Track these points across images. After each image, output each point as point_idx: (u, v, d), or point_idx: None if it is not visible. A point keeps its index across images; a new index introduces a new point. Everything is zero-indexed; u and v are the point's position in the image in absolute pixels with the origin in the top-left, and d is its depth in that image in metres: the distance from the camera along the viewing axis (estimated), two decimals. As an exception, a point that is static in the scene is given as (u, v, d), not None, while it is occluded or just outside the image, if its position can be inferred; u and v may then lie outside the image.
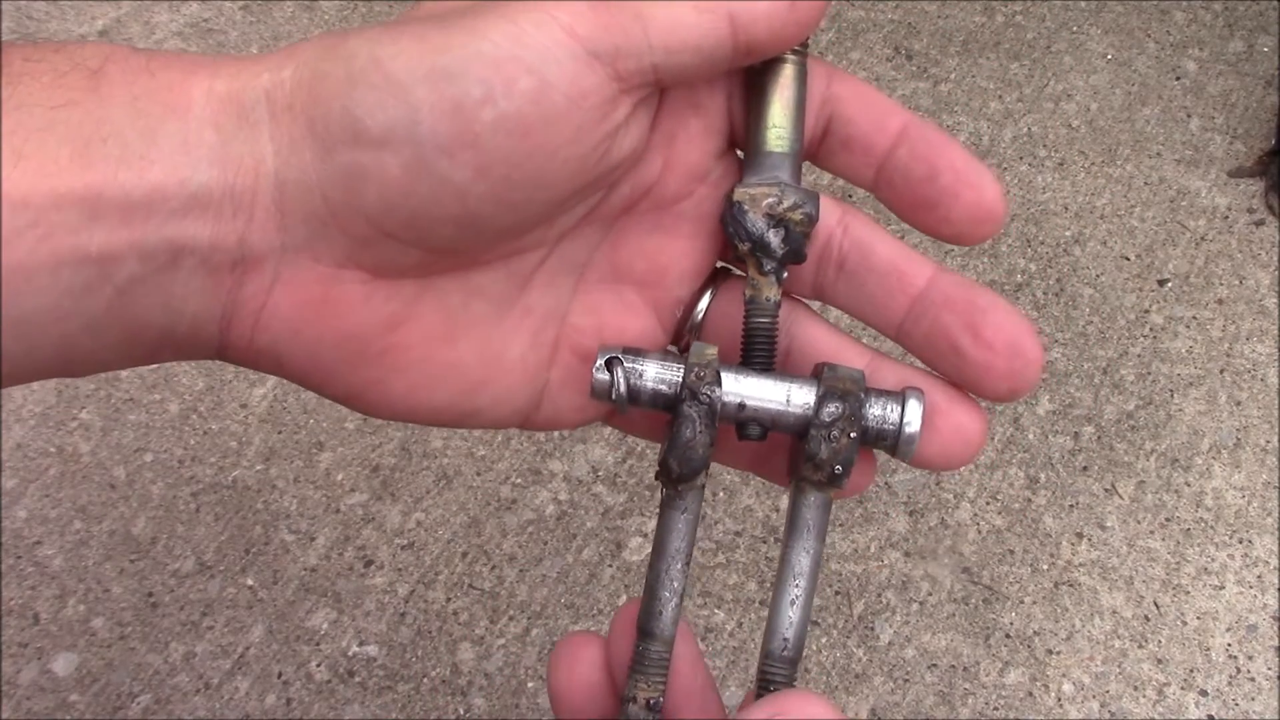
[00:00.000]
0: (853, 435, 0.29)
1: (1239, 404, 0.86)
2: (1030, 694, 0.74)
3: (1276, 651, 0.75)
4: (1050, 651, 0.76)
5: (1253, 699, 0.74)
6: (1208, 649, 0.76)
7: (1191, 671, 0.75)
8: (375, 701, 0.74)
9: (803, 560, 0.30)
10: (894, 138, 0.29)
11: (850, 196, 0.98)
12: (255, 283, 0.27)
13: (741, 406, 0.29)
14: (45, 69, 0.25)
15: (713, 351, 0.29)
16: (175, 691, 0.74)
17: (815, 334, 0.31)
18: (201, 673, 0.75)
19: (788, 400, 0.29)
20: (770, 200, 0.29)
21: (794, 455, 0.30)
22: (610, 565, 0.79)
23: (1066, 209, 0.98)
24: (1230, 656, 0.75)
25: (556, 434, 0.85)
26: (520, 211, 0.27)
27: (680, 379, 0.29)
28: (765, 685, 0.29)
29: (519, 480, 0.83)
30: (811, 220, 0.29)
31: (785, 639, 0.29)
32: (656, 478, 0.30)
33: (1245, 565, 0.79)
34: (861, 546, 0.80)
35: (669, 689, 0.30)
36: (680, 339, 0.32)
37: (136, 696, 0.74)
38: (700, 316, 0.32)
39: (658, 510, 0.30)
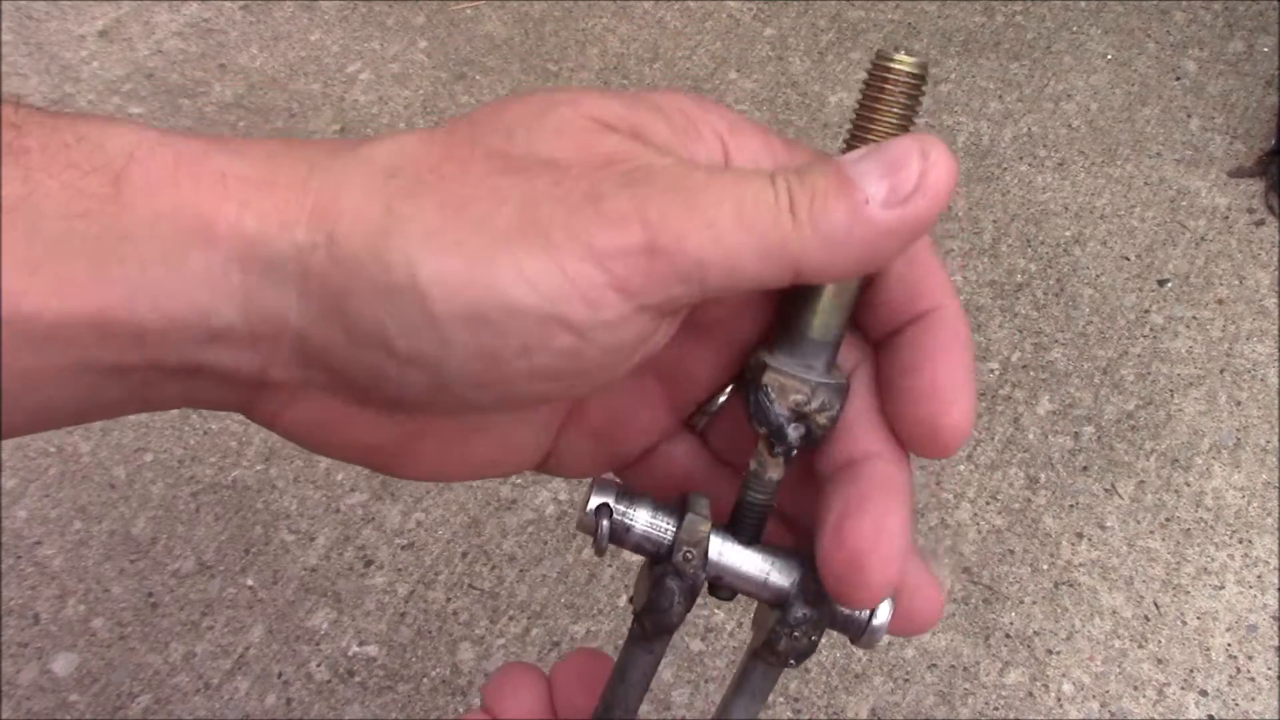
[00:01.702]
0: (814, 638, 0.29)
1: (1239, 404, 0.86)
2: (1030, 694, 0.74)
3: (1276, 651, 0.75)
4: (1050, 651, 0.76)
5: (1253, 699, 0.74)
6: (1208, 649, 0.76)
7: (1191, 671, 0.75)
8: (375, 701, 0.74)
9: (741, 717, 0.31)
10: (908, 321, 0.28)
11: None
12: (271, 401, 0.27)
13: (719, 578, 0.30)
14: (64, 166, 0.23)
15: (705, 528, 0.29)
16: (175, 691, 0.74)
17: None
18: (201, 673, 0.75)
19: (765, 582, 0.29)
20: (798, 398, 0.28)
21: (757, 615, 0.31)
22: (610, 565, 0.79)
23: (1066, 209, 0.98)
24: (1230, 656, 0.75)
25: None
26: (541, 412, 0.29)
27: (668, 540, 0.29)
28: None
29: (519, 480, 0.83)
30: (834, 421, 0.28)
31: None
32: (633, 623, 0.30)
33: (1245, 565, 0.79)
34: (861, 546, 0.80)
35: None
36: (691, 421, 0.32)
37: (136, 696, 0.74)
38: (715, 408, 0.32)
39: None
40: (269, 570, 0.79)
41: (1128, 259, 0.95)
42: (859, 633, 0.29)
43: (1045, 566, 0.79)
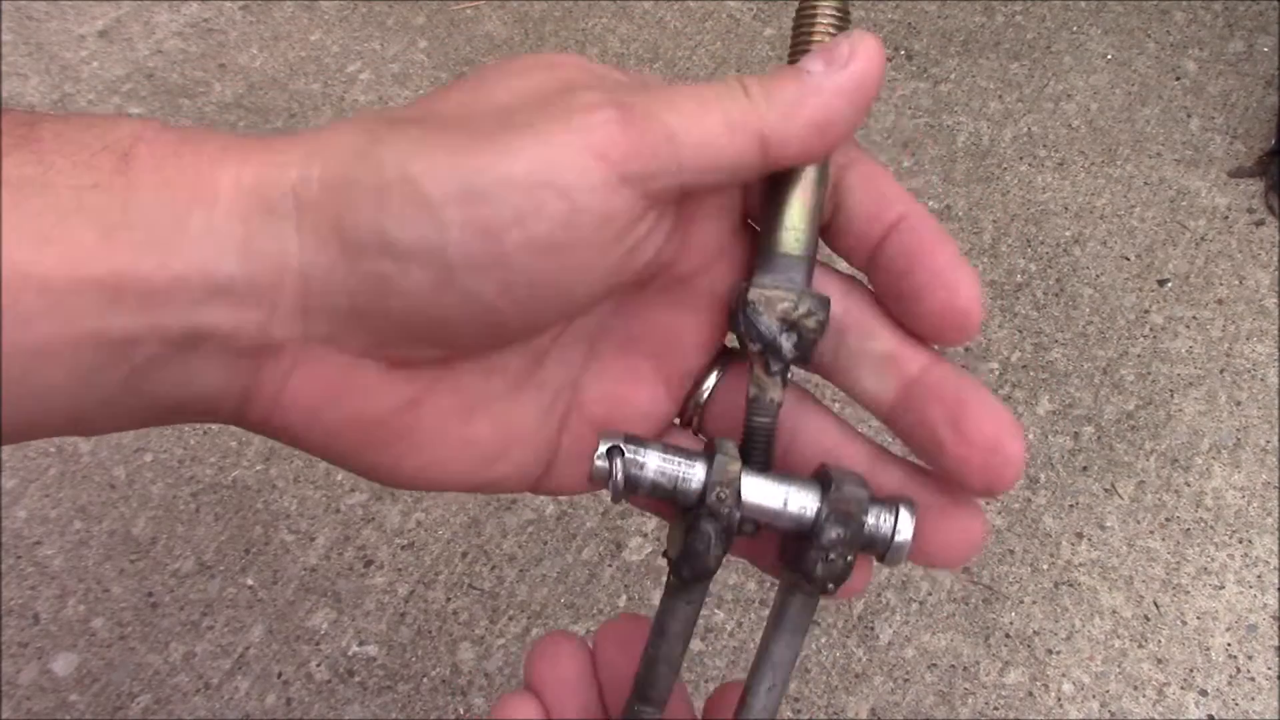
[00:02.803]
0: (850, 559, 0.29)
1: (1239, 404, 0.86)
2: (1030, 694, 0.74)
3: (1276, 651, 0.75)
4: (1050, 651, 0.76)
5: (1253, 699, 0.74)
6: (1208, 649, 0.76)
7: (1191, 671, 0.75)
8: (375, 701, 0.74)
9: (784, 654, 0.30)
10: (887, 228, 0.29)
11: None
12: (274, 368, 0.27)
13: (744, 515, 0.30)
14: (75, 147, 0.25)
15: (735, 467, 0.29)
16: (175, 691, 0.74)
17: (819, 425, 0.32)
18: (201, 673, 0.75)
19: (784, 504, 0.29)
20: (785, 305, 0.29)
21: (785, 552, 0.31)
22: (610, 565, 0.79)
23: (1066, 209, 0.98)
24: (1230, 656, 0.75)
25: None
26: (545, 316, 0.28)
27: (680, 473, 0.29)
28: None
29: (519, 480, 0.83)
30: (823, 327, 0.29)
31: None
32: (667, 565, 0.30)
33: (1245, 565, 0.79)
34: (861, 546, 0.80)
35: None
36: (685, 414, 0.32)
37: (136, 696, 0.74)
38: (706, 396, 0.32)
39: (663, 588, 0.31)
40: (269, 570, 0.79)
41: (1128, 259, 0.95)
42: (885, 549, 0.29)
43: (1045, 566, 0.79)
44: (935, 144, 1.03)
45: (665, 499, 0.30)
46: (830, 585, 0.29)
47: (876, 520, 0.29)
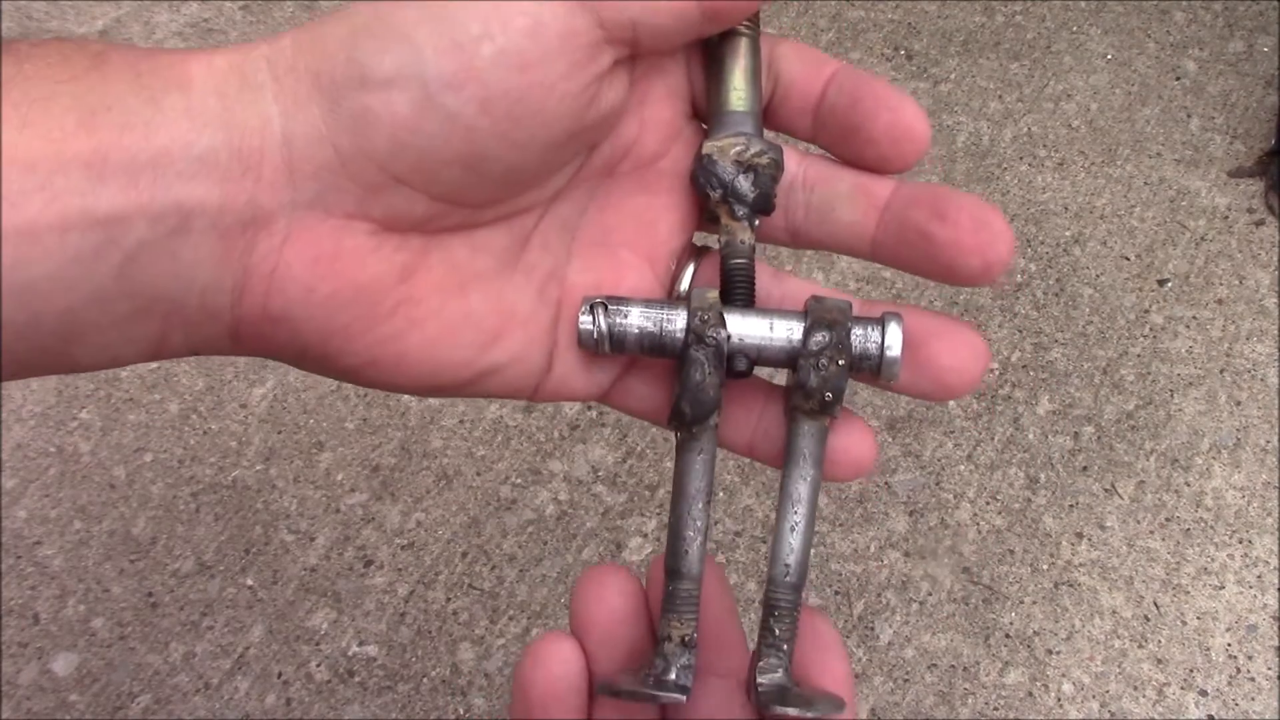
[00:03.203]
0: (841, 363, 0.30)
1: (1239, 404, 0.86)
2: (1030, 694, 0.74)
3: (1276, 651, 0.75)
4: (1050, 651, 0.76)
5: (1253, 699, 0.74)
6: (1208, 649, 0.76)
7: (1191, 671, 0.75)
8: (375, 701, 0.74)
9: (801, 488, 0.30)
10: (825, 83, 0.31)
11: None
12: (266, 243, 0.27)
13: (733, 352, 0.30)
14: (50, 51, 0.26)
15: (714, 295, 0.30)
16: (175, 691, 0.74)
17: (803, 287, 0.33)
18: (201, 673, 0.75)
19: (771, 329, 0.30)
20: (738, 149, 0.30)
21: (788, 395, 0.32)
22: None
23: (1066, 209, 0.98)
24: (1230, 656, 0.75)
25: (556, 434, 0.85)
26: (523, 150, 0.28)
27: (664, 317, 0.30)
28: (770, 611, 0.30)
29: (519, 480, 0.83)
30: (778, 165, 0.31)
31: (787, 565, 0.30)
32: (669, 425, 0.31)
33: (1245, 565, 0.79)
34: (861, 546, 0.80)
35: (700, 623, 0.30)
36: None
37: (136, 696, 0.74)
38: (685, 289, 0.33)
39: (674, 455, 0.31)
40: (269, 570, 0.79)
41: (1128, 259, 0.95)
42: (877, 363, 0.30)
43: (1045, 566, 0.79)
44: (935, 144, 1.03)
45: (653, 351, 0.30)
46: (828, 395, 0.30)
47: (864, 333, 0.30)
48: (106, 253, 0.25)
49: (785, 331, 0.30)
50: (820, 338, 0.30)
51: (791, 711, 0.28)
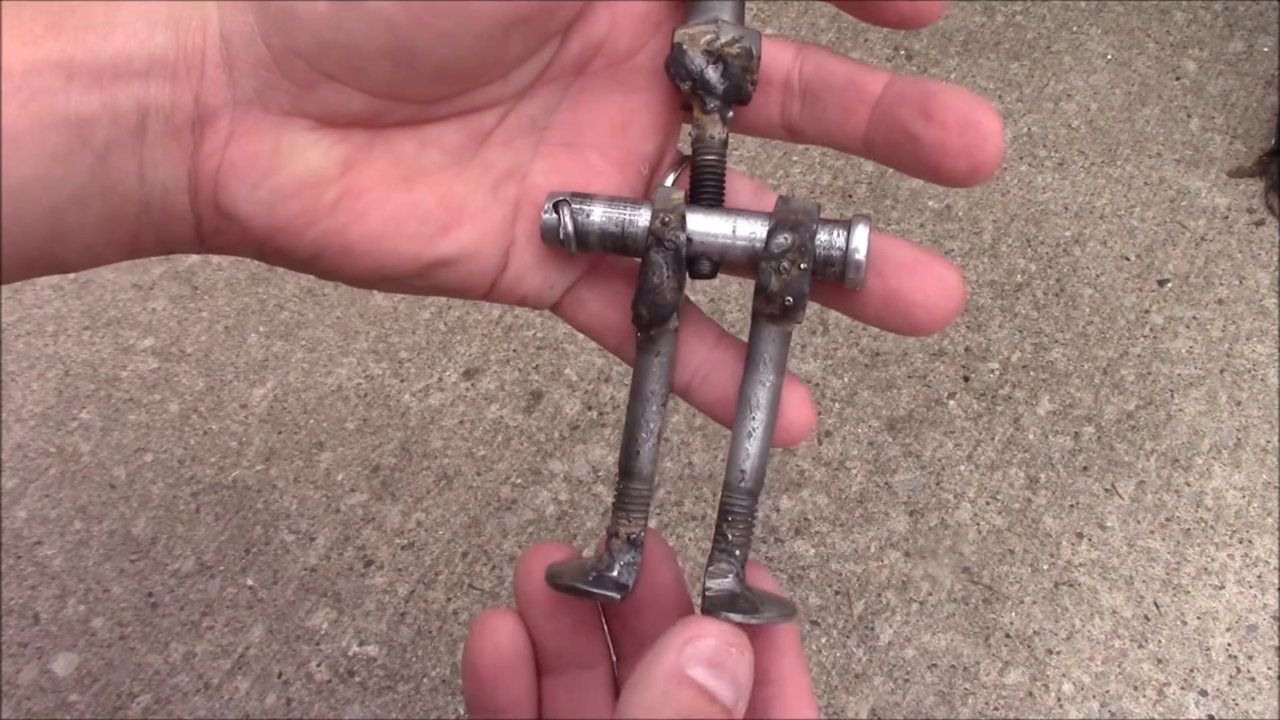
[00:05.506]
0: (803, 266, 0.29)
1: (1239, 404, 0.86)
2: (1030, 694, 0.74)
3: (1276, 651, 0.75)
4: (1050, 651, 0.76)
5: (1253, 699, 0.74)
6: (1208, 649, 0.76)
7: (1191, 671, 0.75)
8: (375, 701, 0.74)
9: (759, 393, 0.30)
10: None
11: (851, 197, 0.98)
12: (212, 141, 0.28)
13: (696, 253, 0.29)
14: None
15: (679, 195, 0.29)
16: (175, 691, 0.74)
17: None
18: (201, 673, 0.75)
19: (733, 232, 0.29)
20: (708, 37, 0.29)
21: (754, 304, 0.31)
22: (610, 565, 0.79)
23: (1066, 209, 0.98)
24: (1230, 656, 0.75)
25: (556, 434, 0.85)
26: (452, 43, 0.27)
27: (627, 216, 0.29)
28: (725, 515, 0.30)
29: (519, 480, 0.83)
30: (750, 55, 0.30)
31: (743, 471, 0.30)
32: (632, 322, 0.30)
33: (1245, 565, 0.79)
34: (861, 546, 0.80)
35: (639, 584, 0.30)
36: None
37: (136, 696, 0.74)
38: (667, 185, 0.32)
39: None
40: (269, 570, 0.79)
41: (1128, 259, 0.95)
42: (842, 266, 0.29)
43: (1045, 566, 0.79)
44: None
45: (616, 249, 0.29)
46: (789, 300, 0.29)
47: (830, 237, 0.29)
48: (80, 154, 0.26)
49: (749, 232, 0.29)
50: (783, 239, 0.29)
51: (735, 617, 0.28)
